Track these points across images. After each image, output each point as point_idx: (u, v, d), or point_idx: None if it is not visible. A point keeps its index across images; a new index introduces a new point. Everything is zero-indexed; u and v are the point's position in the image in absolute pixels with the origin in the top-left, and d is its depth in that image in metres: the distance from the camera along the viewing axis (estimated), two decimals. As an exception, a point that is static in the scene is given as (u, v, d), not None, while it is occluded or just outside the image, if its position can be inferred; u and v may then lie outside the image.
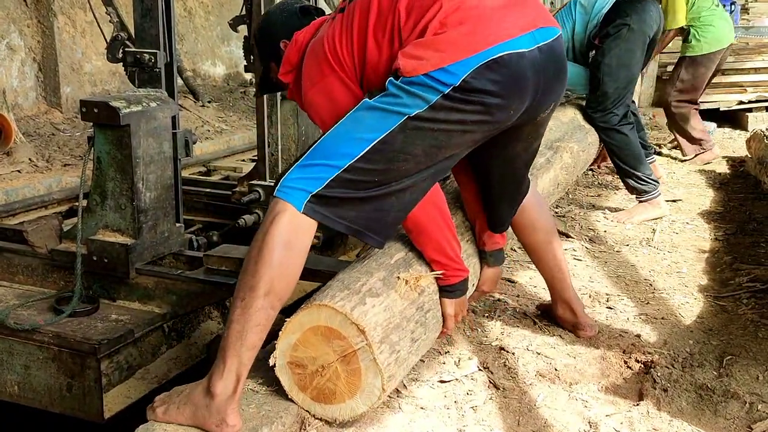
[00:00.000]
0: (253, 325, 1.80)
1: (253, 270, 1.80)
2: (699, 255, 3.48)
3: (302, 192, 1.85)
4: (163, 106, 3.05)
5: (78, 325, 2.71)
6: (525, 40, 1.88)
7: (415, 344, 2.03)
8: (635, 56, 4.12)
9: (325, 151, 1.90)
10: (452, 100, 1.82)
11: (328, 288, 1.95)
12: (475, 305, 2.75)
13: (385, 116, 1.85)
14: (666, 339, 2.53)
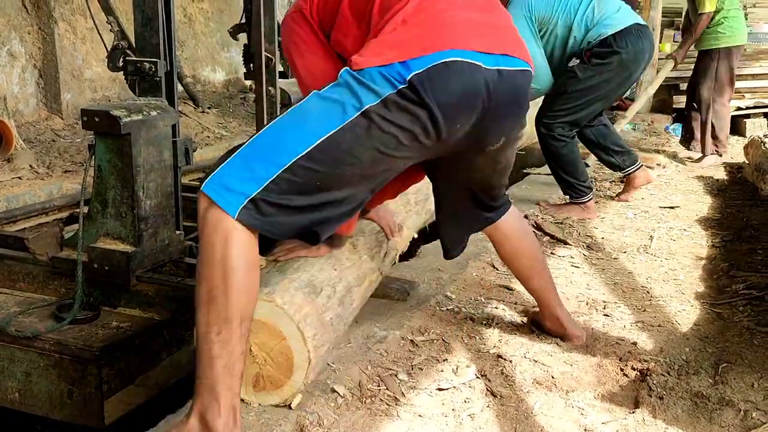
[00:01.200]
0: (238, 354, 1.75)
1: (224, 301, 1.71)
2: (696, 262, 3.50)
3: (239, 196, 1.72)
4: (164, 115, 3.07)
5: (79, 333, 2.73)
6: (486, 57, 1.85)
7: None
8: (611, 87, 4.11)
9: (267, 145, 1.78)
10: (404, 98, 1.77)
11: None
12: (473, 313, 2.77)
13: (335, 109, 1.77)
14: (662, 346, 2.55)
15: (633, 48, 4.02)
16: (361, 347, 2.39)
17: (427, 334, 2.57)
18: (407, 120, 1.79)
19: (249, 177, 1.74)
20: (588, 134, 4.45)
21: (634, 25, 4.05)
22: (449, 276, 3.09)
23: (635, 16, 4.18)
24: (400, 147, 1.82)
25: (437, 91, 1.78)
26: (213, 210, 1.73)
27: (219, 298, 1.72)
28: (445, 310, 2.78)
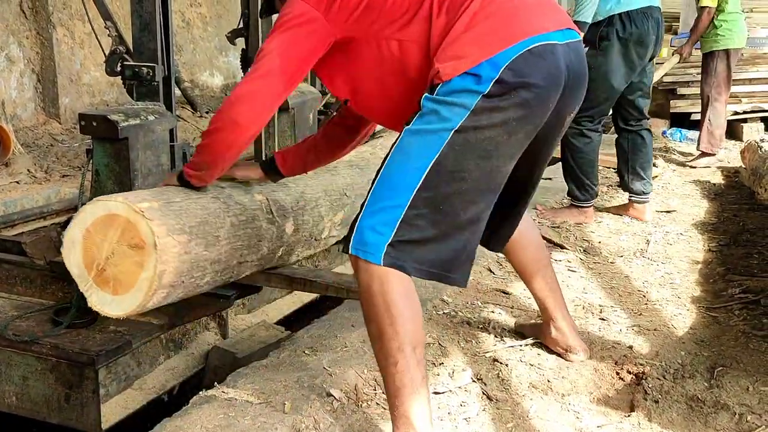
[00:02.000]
0: (419, 379, 1.88)
1: (392, 334, 1.85)
2: (692, 266, 3.51)
3: (377, 245, 1.85)
4: (161, 120, 3.08)
5: (76, 336, 2.73)
6: (557, 35, 1.94)
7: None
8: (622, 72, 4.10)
9: (384, 192, 1.89)
10: (492, 98, 1.83)
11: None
12: (470, 317, 2.77)
13: (430, 138, 1.85)
14: (658, 350, 2.56)
15: (638, 29, 4.02)
16: (357, 351, 2.40)
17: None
18: (500, 118, 1.85)
19: (382, 223, 1.86)
20: (622, 141, 4.39)
21: (644, 7, 4.04)
22: (446, 280, 3.09)
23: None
24: (501, 146, 1.89)
25: (525, 82, 1.84)
26: (363, 264, 1.88)
27: (387, 331, 1.86)
28: (442, 314, 2.79)
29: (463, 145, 1.84)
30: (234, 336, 3.35)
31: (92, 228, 2.18)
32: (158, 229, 2.12)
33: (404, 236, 1.84)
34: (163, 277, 2.14)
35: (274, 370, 2.28)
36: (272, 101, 2.11)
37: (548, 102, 1.92)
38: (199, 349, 3.24)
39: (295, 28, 2.03)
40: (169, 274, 2.16)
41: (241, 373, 2.28)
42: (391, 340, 1.86)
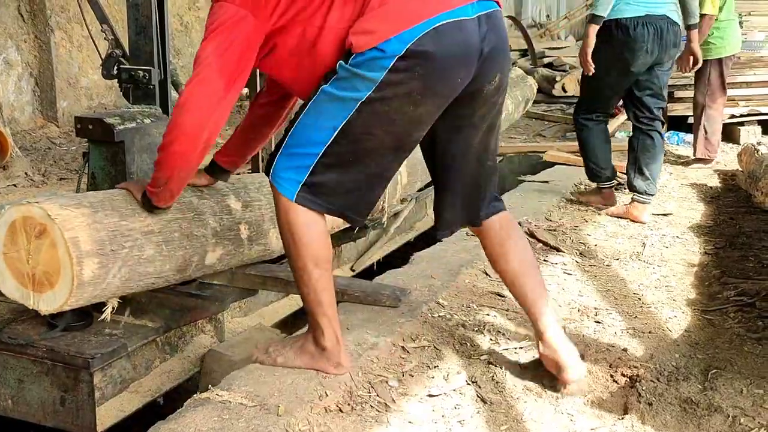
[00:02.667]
0: (320, 289, 2.23)
1: (296, 254, 2.20)
2: (688, 269, 3.52)
3: (293, 182, 2.14)
4: (157, 123, 3.09)
5: (72, 340, 2.73)
6: (467, 9, 2.05)
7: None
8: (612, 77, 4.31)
9: (300, 140, 2.14)
10: (397, 72, 2.00)
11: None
12: (465, 319, 2.78)
13: (341, 104, 2.07)
14: (652, 353, 2.56)
15: (625, 37, 4.19)
16: (352, 354, 2.40)
17: (419, 340, 2.58)
18: (404, 90, 2.03)
19: (297, 166, 2.14)
20: (633, 139, 4.53)
21: (639, 16, 4.17)
22: (441, 283, 3.10)
23: (660, 7, 4.21)
24: (407, 115, 2.08)
25: (431, 55, 1.99)
26: (277, 195, 2.18)
27: (292, 252, 2.21)
28: (437, 316, 2.79)
29: (370, 114, 2.06)
30: (230, 339, 3.35)
31: (6, 249, 2.27)
32: (49, 206, 2.19)
33: (315, 179, 2.13)
34: (80, 245, 2.17)
35: (269, 373, 2.28)
36: (216, 105, 2.16)
37: (455, 76, 2.07)
38: (194, 353, 3.24)
39: (227, 31, 2.12)
40: (86, 242, 2.19)
41: (235, 375, 2.28)
42: (294, 260, 2.21)
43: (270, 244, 2.95)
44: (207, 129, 2.19)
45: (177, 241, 2.48)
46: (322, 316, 2.25)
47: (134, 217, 2.36)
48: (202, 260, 2.62)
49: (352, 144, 2.10)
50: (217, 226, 2.66)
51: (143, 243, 2.35)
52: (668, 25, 4.23)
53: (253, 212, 2.86)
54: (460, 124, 2.25)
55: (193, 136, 2.19)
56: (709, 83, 6.11)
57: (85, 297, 2.23)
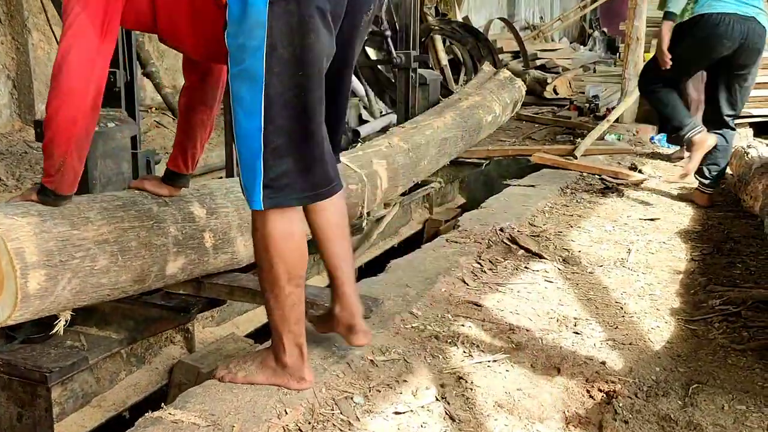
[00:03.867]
0: (289, 306, 2.12)
1: (268, 268, 2.07)
2: (673, 276, 3.41)
3: (254, 192, 2.02)
4: (122, 127, 2.99)
5: (30, 352, 2.64)
6: None
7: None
8: (683, 62, 4.70)
9: (242, 145, 2.03)
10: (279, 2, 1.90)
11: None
12: (439, 331, 2.67)
13: (249, 74, 1.95)
14: (632, 366, 2.46)
15: (713, 28, 4.52)
16: (317, 368, 2.30)
17: (389, 353, 2.47)
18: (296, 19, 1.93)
19: (251, 174, 2.01)
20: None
21: (734, 14, 4.48)
22: (417, 292, 2.99)
23: (749, 8, 4.52)
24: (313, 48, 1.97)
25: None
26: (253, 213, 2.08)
27: (265, 264, 2.08)
28: (410, 327, 2.68)
29: (279, 64, 1.94)
30: (200, 350, 3.25)
31: None
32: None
33: (272, 174, 2.00)
34: (26, 256, 2.05)
35: (227, 390, 2.17)
36: (94, 56, 2.09)
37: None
38: (163, 364, 3.14)
39: None
40: (33, 253, 2.07)
41: (191, 393, 2.18)
42: (266, 272, 2.09)
43: (237, 252, 2.84)
44: (92, 83, 2.10)
45: (134, 251, 2.37)
46: (287, 333, 2.16)
47: (87, 226, 2.24)
48: (163, 270, 2.51)
49: (283, 111, 1.98)
50: (178, 234, 2.55)
51: (96, 253, 2.24)
52: (755, 27, 4.52)
53: (218, 219, 2.75)
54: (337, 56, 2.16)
55: (80, 94, 2.09)
56: (701, 79, 6.04)
57: (31, 310, 2.11)
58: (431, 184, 5.37)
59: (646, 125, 7.30)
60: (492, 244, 3.70)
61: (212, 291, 2.86)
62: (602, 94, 8.30)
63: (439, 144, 4.89)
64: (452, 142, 5.13)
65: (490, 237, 3.77)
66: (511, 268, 3.43)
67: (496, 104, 6.12)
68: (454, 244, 3.67)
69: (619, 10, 13.74)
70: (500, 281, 3.23)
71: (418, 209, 5.58)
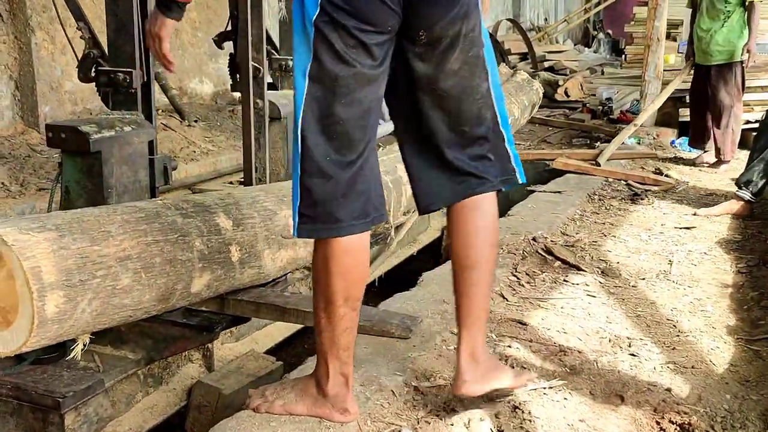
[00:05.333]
0: (341, 329, 1.94)
1: (326, 283, 1.90)
2: (722, 290, 3.21)
3: (294, 222, 1.91)
4: (139, 131, 2.79)
5: (41, 375, 2.43)
6: None
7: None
8: None
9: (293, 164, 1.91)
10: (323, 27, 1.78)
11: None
12: (484, 352, 2.46)
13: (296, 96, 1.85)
14: (700, 393, 2.25)
15: None
16: (359, 397, 2.09)
17: (434, 378, 2.27)
18: (333, 51, 1.79)
19: (295, 202, 1.91)
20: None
21: None
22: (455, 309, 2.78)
23: None
24: (350, 79, 1.81)
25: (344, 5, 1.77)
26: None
27: (322, 280, 1.92)
28: (453, 349, 2.46)
29: (319, 89, 1.82)
30: (220, 369, 3.05)
31: None
32: (4, 230, 1.84)
33: (306, 203, 1.88)
34: (42, 276, 1.83)
35: (264, 422, 1.97)
36: None
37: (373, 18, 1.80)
38: (181, 384, 2.94)
39: None
40: (50, 272, 1.86)
41: (224, 426, 1.97)
42: (323, 289, 1.92)
43: (264, 266, 2.64)
44: None
45: (158, 267, 2.16)
46: (333, 359, 1.97)
47: (107, 241, 2.03)
48: (188, 288, 2.30)
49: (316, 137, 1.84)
50: (204, 248, 2.35)
51: (118, 271, 2.03)
52: None
53: (245, 231, 2.54)
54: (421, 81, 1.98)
55: None
56: (735, 84, 5.98)
57: (49, 336, 1.91)
58: (449, 190, 5.16)
59: (666, 128, 7.12)
60: (527, 255, 3.50)
61: (237, 308, 2.65)
62: (615, 96, 8.11)
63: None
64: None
65: (524, 248, 3.57)
66: (550, 281, 3.23)
67: (515, 107, 5.94)
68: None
69: (623, 11, 13.57)
70: (540, 296, 3.02)
71: (436, 216, 5.38)
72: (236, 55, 3.53)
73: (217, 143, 6.24)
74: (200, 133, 6.32)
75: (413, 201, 3.93)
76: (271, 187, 2.93)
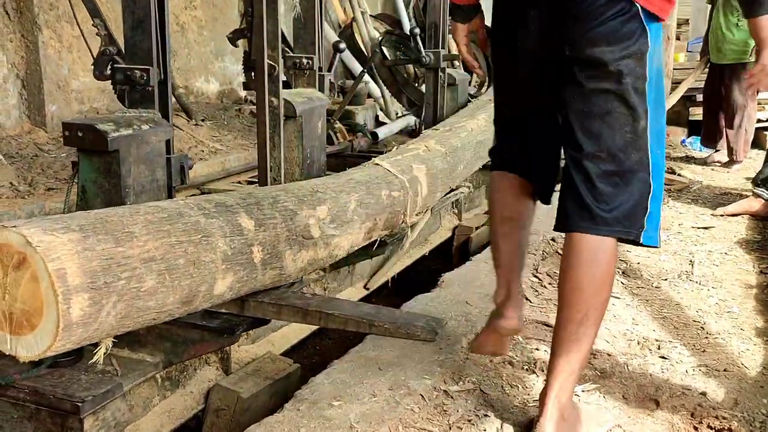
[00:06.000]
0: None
1: (605, 298, 1.92)
2: (747, 291, 3.16)
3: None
4: (157, 129, 2.73)
5: (59, 379, 2.38)
6: None
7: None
8: None
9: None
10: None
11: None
12: (512, 356, 2.42)
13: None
14: (736, 397, 2.21)
15: None
16: (389, 401, 2.05)
17: (462, 382, 2.22)
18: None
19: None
20: None
21: None
22: (479, 311, 2.74)
23: None
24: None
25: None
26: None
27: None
28: (479, 352, 2.42)
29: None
30: (237, 371, 2.99)
31: None
32: (29, 231, 1.77)
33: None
34: (68, 279, 1.77)
35: (294, 428, 1.91)
36: None
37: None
38: (198, 387, 2.89)
39: None
40: (75, 275, 1.79)
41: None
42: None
43: (286, 267, 2.58)
44: None
45: (182, 269, 2.11)
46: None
47: (132, 242, 1.98)
48: (211, 289, 2.25)
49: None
50: (227, 248, 2.29)
51: (143, 273, 1.97)
52: None
53: (267, 232, 2.49)
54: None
55: None
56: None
57: (73, 340, 1.85)
58: (460, 189, 5.12)
59: (675, 127, 7.08)
60: (546, 255, 3.45)
61: (258, 310, 2.60)
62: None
63: (475, 147, 4.65)
64: (486, 145, 4.88)
65: (543, 248, 3.52)
66: (571, 282, 3.17)
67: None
68: (506, 255, 3.41)
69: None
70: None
71: (447, 215, 5.34)
72: (251, 52, 3.47)
73: (225, 142, 6.19)
74: (208, 133, 6.27)
75: (428, 201, 3.91)
76: (290, 187, 2.88)
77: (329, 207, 2.83)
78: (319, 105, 3.75)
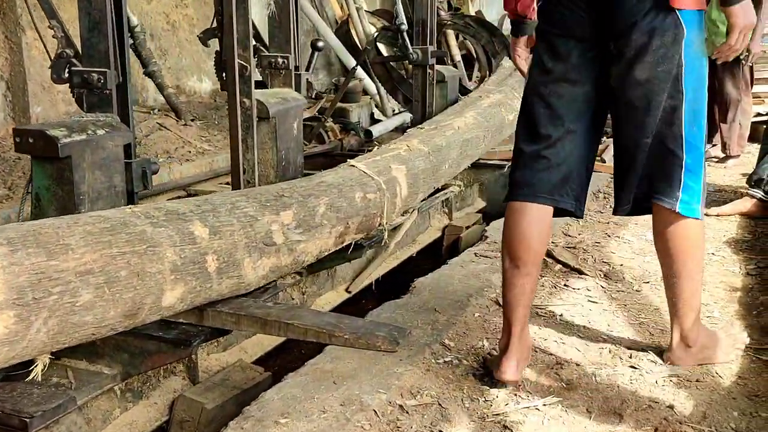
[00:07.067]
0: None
1: (701, 258, 2.38)
2: (730, 294, 3.05)
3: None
4: (114, 134, 2.65)
5: (9, 393, 2.31)
6: None
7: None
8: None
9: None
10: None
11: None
12: (476, 366, 2.33)
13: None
14: (705, 410, 2.11)
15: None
16: (338, 418, 1.96)
17: (420, 396, 2.14)
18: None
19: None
20: None
21: None
22: (447, 318, 2.65)
23: None
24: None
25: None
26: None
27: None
28: (442, 362, 2.35)
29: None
30: (204, 381, 2.91)
31: None
32: None
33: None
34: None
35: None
36: None
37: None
38: (163, 399, 2.81)
39: None
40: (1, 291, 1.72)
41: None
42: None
43: (245, 276, 2.50)
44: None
45: (123, 281, 2.02)
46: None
47: (67, 254, 1.90)
48: (158, 301, 2.16)
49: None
50: (176, 258, 2.20)
51: (78, 286, 1.89)
52: None
53: (222, 239, 2.40)
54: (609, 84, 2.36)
55: None
56: (742, 77, 5.86)
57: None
58: (450, 188, 5.03)
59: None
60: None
61: (216, 320, 2.51)
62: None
63: (461, 146, 4.54)
64: (474, 143, 4.78)
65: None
66: (549, 286, 3.08)
67: (518, 102, 5.77)
68: (484, 258, 3.33)
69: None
70: (539, 303, 2.88)
71: (437, 215, 5.24)
72: (222, 52, 3.39)
73: (214, 143, 6.11)
74: (196, 133, 6.19)
75: (408, 202, 3.82)
76: (252, 192, 2.79)
77: (295, 212, 2.74)
78: (295, 105, 3.66)
